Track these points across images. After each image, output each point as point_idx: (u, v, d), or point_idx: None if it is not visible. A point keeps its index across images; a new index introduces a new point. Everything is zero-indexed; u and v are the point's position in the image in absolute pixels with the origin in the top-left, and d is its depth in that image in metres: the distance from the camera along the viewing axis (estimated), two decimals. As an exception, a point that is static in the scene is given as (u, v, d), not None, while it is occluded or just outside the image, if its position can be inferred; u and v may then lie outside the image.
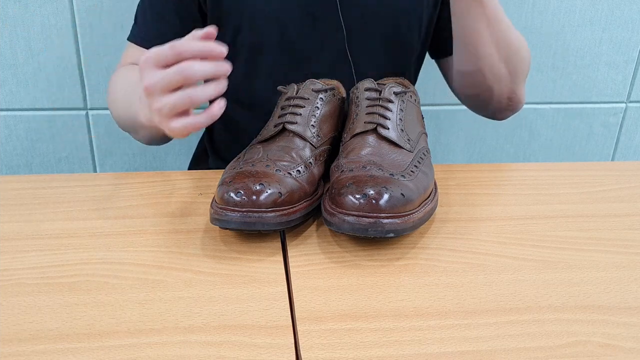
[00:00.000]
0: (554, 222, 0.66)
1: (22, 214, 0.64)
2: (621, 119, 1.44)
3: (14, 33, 1.19)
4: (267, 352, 0.47)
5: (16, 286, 0.54)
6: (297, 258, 0.59)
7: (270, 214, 0.57)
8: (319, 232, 0.63)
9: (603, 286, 0.56)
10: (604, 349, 0.49)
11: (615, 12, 1.31)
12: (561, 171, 0.77)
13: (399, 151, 0.64)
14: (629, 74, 1.38)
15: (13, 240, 0.60)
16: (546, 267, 0.58)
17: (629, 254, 0.61)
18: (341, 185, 0.58)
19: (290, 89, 0.70)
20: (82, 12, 1.19)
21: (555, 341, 0.49)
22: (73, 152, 1.33)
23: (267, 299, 0.53)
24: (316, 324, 0.50)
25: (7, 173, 1.32)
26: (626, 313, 0.53)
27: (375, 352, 0.47)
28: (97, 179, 0.72)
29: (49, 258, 0.58)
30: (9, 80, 1.23)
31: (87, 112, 1.28)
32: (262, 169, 0.61)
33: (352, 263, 0.58)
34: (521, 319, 0.51)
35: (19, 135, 1.29)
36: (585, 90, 1.39)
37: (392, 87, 0.68)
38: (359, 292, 0.54)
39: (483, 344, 0.49)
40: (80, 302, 0.52)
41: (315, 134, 0.67)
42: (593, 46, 1.34)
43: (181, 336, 0.49)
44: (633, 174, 0.77)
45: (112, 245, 0.60)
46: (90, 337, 0.48)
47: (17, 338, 0.48)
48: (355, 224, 0.56)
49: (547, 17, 1.30)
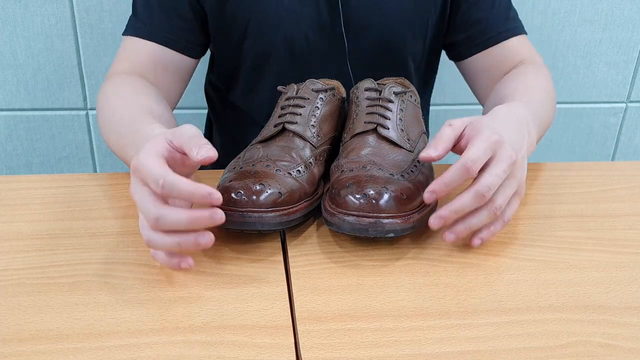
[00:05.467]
0: (554, 222, 0.66)
1: (22, 214, 0.64)
2: (621, 119, 1.44)
3: (14, 33, 1.19)
4: (267, 352, 0.47)
5: (16, 286, 0.54)
6: (297, 258, 0.59)
7: (270, 214, 0.57)
8: (319, 232, 0.63)
9: (603, 286, 0.56)
10: (604, 349, 0.49)
11: (615, 12, 1.31)
12: (561, 171, 0.77)
13: (399, 151, 0.64)
14: (629, 74, 1.38)
15: (13, 240, 0.60)
16: (546, 267, 0.58)
17: (629, 254, 0.61)
18: (341, 185, 0.58)
19: (290, 89, 0.70)
20: (82, 12, 1.19)
21: (555, 341, 0.49)
22: (73, 152, 1.33)
23: (267, 299, 0.53)
24: (316, 324, 0.50)
25: (7, 173, 1.32)
26: (626, 313, 0.53)
27: (375, 352, 0.47)
28: (97, 179, 0.72)
29: (49, 258, 0.58)
30: (9, 80, 1.23)
31: (87, 112, 1.28)
32: (262, 168, 0.61)
33: (352, 263, 0.58)
34: (521, 319, 0.51)
35: (19, 135, 1.29)
36: (585, 90, 1.39)
37: (392, 87, 0.68)
38: (359, 292, 0.54)
39: (483, 344, 0.49)
40: (81, 302, 0.52)
41: (315, 134, 0.67)
42: (593, 46, 1.34)
43: (181, 336, 0.49)
44: (633, 174, 0.77)
45: (112, 245, 0.60)
46: (91, 337, 0.48)
47: (17, 338, 0.48)
48: (355, 223, 0.56)
49: (547, 17, 1.30)
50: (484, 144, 0.56)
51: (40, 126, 1.29)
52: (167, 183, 0.50)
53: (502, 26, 0.88)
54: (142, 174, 0.52)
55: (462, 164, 0.55)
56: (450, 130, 0.59)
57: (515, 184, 0.58)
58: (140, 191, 0.52)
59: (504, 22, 0.88)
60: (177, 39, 0.85)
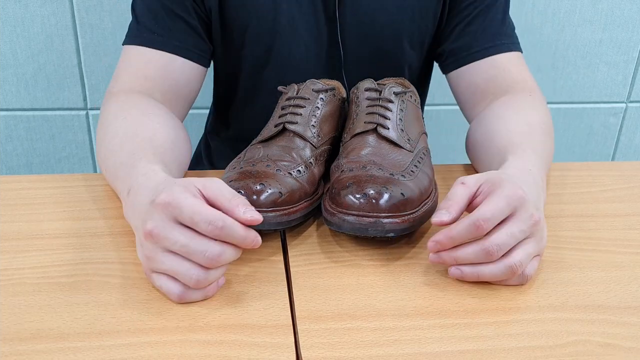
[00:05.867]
0: (554, 222, 0.66)
1: (22, 214, 0.64)
2: (621, 119, 1.44)
3: (14, 33, 1.19)
4: (268, 351, 0.47)
5: (17, 286, 0.54)
6: (297, 258, 0.59)
7: (270, 213, 0.57)
8: (319, 232, 0.63)
9: (603, 286, 0.56)
10: (603, 349, 0.49)
11: (615, 12, 1.31)
12: (561, 171, 0.77)
13: (399, 151, 0.64)
14: (629, 74, 1.38)
15: (13, 240, 0.60)
16: (546, 267, 0.58)
17: (629, 254, 0.61)
18: (341, 185, 0.58)
19: (290, 89, 0.70)
20: (82, 12, 1.19)
21: (555, 341, 0.49)
22: (73, 152, 1.33)
23: (267, 298, 0.53)
24: (316, 323, 0.50)
25: (7, 173, 1.32)
26: (626, 313, 0.53)
27: (375, 351, 0.48)
28: (97, 179, 0.72)
29: (50, 258, 0.58)
30: (9, 80, 1.23)
31: (87, 112, 1.28)
32: (262, 168, 0.61)
33: (352, 263, 0.58)
34: (521, 319, 0.51)
35: (19, 135, 1.29)
36: (585, 90, 1.39)
37: (392, 87, 0.68)
38: (358, 292, 0.54)
39: (483, 343, 0.49)
40: (81, 301, 0.52)
41: (316, 134, 0.67)
42: (593, 46, 1.34)
43: (181, 335, 0.49)
44: (633, 174, 0.77)
45: (112, 245, 0.60)
46: (91, 337, 0.48)
47: (18, 337, 0.48)
48: (356, 223, 0.56)
49: (547, 17, 1.30)
50: (502, 201, 0.52)
51: (40, 126, 1.29)
52: (227, 226, 0.49)
53: (489, 41, 0.83)
54: (185, 214, 0.49)
55: (473, 221, 0.51)
56: (463, 189, 0.55)
57: (536, 246, 0.55)
58: (179, 231, 0.50)
59: (492, 38, 0.83)
60: (187, 46, 0.80)
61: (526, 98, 0.79)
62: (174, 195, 0.50)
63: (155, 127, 0.68)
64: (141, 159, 0.61)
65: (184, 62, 0.80)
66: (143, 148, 0.63)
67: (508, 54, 0.83)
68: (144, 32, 0.79)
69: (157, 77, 0.78)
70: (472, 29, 0.84)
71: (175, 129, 0.70)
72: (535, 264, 0.56)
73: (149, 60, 0.78)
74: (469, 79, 0.84)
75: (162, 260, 0.51)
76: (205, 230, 0.49)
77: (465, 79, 0.85)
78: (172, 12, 0.79)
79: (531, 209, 0.54)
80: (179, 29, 0.79)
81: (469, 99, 0.85)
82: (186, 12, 0.80)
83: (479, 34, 0.83)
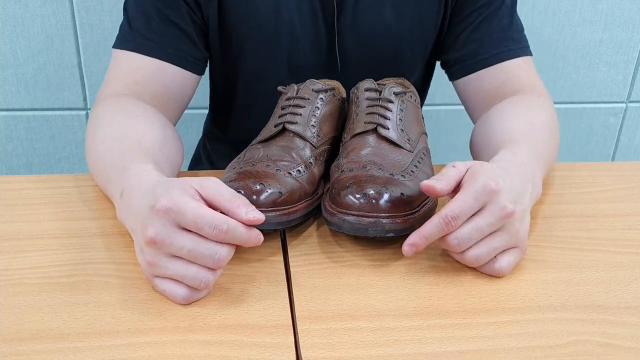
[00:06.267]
0: (554, 222, 0.66)
1: (22, 214, 0.64)
2: (621, 119, 1.44)
3: (14, 33, 1.19)
4: (268, 351, 0.47)
5: (17, 286, 0.54)
6: (297, 258, 0.59)
7: (270, 213, 0.57)
8: (319, 232, 0.63)
9: (603, 286, 0.56)
10: (603, 349, 0.49)
11: (615, 12, 1.31)
12: (561, 171, 0.77)
13: (399, 151, 0.64)
14: (629, 74, 1.38)
15: (13, 240, 0.60)
16: (546, 267, 0.58)
17: (629, 254, 0.61)
18: (341, 185, 0.58)
19: (290, 89, 0.70)
20: (82, 12, 1.19)
21: (555, 341, 0.49)
22: (73, 152, 1.33)
23: (267, 299, 0.53)
24: (316, 323, 0.50)
25: (7, 173, 1.32)
26: (626, 313, 0.53)
27: (375, 351, 0.48)
28: (98, 178, 0.72)
29: (50, 258, 0.58)
30: (9, 80, 1.23)
31: (87, 112, 1.28)
32: (262, 168, 0.61)
33: (352, 263, 0.58)
34: (521, 319, 0.51)
35: (19, 135, 1.29)
36: (585, 90, 1.39)
37: (392, 88, 0.68)
38: (358, 292, 0.54)
39: (483, 343, 0.49)
40: (81, 301, 0.52)
41: (316, 134, 0.67)
42: (593, 46, 1.34)
43: (181, 335, 0.49)
44: (633, 174, 0.77)
45: (112, 245, 0.60)
46: (91, 337, 0.48)
47: (18, 337, 0.48)
48: (356, 223, 0.56)
49: (547, 17, 1.30)
50: (470, 197, 0.53)
51: (40, 126, 1.29)
52: (231, 228, 0.49)
53: (496, 48, 0.82)
54: (188, 219, 0.49)
55: (441, 217, 0.52)
56: (454, 171, 0.56)
57: (508, 239, 0.55)
58: (184, 236, 0.49)
59: (499, 44, 0.82)
60: (180, 54, 0.78)
61: (533, 98, 0.78)
62: (174, 200, 0.49)
63: (143, 128, 0.67)
64: (132, 160, 0.60)
65: (177, 69, 0.78)
66: (133, 149, 0.62)
67: (516, 60, 0.82)
68: (137, 37, 0.77)
69: (147, 82, 0.76)
70: (478, 36, 0.83)
71: (163, 129, 0.70)
72: (510, 258, 0.56)
73: (140, 66, 0.76)
74: (477, 85, 0.84)
75: (167, 266, 0.51)
76: (209, 235, 0.49)
77: (473, 86, 0.84)
78: (167, 17, 0.77)
79: (504, 201, 0.53)
80: (173, 36, 0.77)
81: (477, 104, 0.84)
82: (181, 18, 0.78)
83: (485, 41, 0.82)
